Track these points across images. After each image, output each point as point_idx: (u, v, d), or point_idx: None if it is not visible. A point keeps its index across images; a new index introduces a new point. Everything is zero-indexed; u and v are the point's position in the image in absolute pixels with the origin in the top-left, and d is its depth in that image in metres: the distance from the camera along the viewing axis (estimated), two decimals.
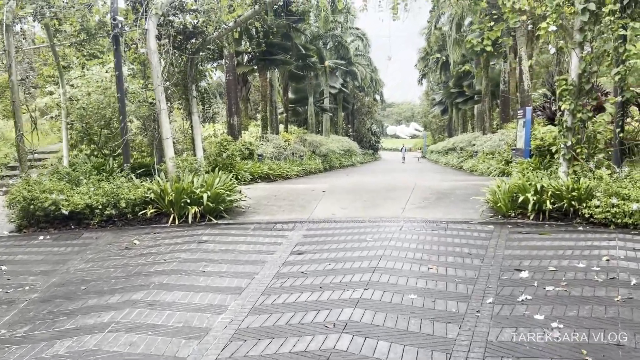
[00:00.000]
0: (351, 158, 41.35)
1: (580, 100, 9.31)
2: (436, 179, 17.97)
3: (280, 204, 11.91)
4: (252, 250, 7.43)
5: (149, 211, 10.03)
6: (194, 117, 16.26)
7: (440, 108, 60.50)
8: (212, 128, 22.58)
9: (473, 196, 11.98)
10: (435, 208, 10.60)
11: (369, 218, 9.75)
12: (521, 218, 9.03)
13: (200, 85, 17.09)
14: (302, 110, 41.15)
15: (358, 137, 56.91)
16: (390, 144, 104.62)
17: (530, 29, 12.91)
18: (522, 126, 17.02)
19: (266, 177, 18.99)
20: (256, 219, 10.13)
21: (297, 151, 27.21)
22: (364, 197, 12.49)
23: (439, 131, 72.36)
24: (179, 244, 8.08)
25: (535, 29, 14.47)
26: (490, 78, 31.03)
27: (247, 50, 23.87)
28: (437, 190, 13.06)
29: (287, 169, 21.48)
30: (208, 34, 15.71)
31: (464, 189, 13.22)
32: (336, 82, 45.65)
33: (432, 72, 53.14)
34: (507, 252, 6.76)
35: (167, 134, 11.25)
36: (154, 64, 11.05)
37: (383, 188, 13.92)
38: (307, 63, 32.68)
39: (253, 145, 19.37)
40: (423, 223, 9.07)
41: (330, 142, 34.52)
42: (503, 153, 19.55)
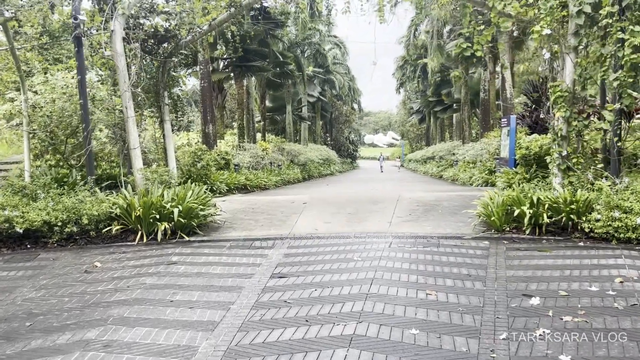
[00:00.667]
0: (330, 167, 40.80)
1: (575, 108, 8.85)
2: (419, 190, 17.45)
3: (258, 217, 11.15)
4: (227, 273, 6.67)
5: (114, 228, 9.16)
6: (166, 125, 15.45)
7: (418, 117, 60.54)
8: (186, 137, 21.69)
9: (461, 208, 11.46)
10: (424, 222, 9.99)
11: (355, 233, 9.08)
12: (516, 233, 8.48)
13: (173, 92, 16.27)
14: (280, 118, 40.48)
15: (336, 146, 56.46)
16: (368, 152, 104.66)
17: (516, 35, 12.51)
18: (507, 135, 16.66)
19: (243, 188, 18.20)
20: (232, 236, 9.35)
21: (275, 160, 26.48)
22: (347, 209, 11.83)
23: (417, 140, 72.51)
24: (146, 265, 7.26)
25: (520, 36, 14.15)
26: (469, 87, 30.89)
27: (222, 56, 23.11)
28: (423, 202, 12.49)
29: (265, 179, 20.73)
30: (181, 38, 14.93)
31: (450, 201, 12.69)
32: (314, 90, 45.15)
33: (410, 81, 53.11)
34: (509, 273, 6.16)
35: (135, 143, 10.41)
36: (120, 67, 10.23)
37: (367, 199, 13.29)
38: (284, 70, 32.07)
39: (229, 155, 18.57)
40: (412, 239, 8.44)
41: (309, 151, 33.88)
42: (486, 162, 19.17)
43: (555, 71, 8.88)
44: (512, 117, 16.19)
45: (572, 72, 8.80)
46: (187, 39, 14.87)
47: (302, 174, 29.87)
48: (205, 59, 19.16)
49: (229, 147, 23.66)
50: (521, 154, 15.01)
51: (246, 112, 25.00)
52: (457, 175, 24.15)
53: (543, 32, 8.55)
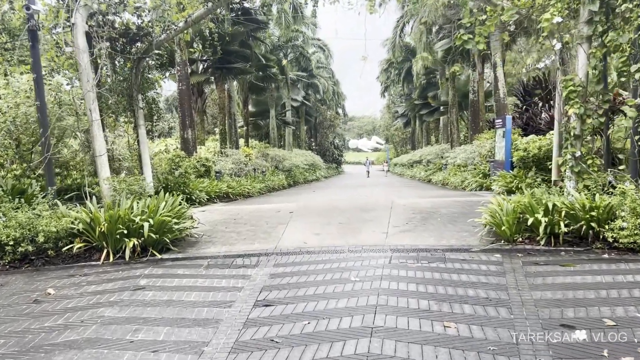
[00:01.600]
0: (315, 172, 39.84)
1: (590, 104, 8.02)
2: (411, 195, 16.57)
3: (240, 230, 10.12)
4: (202, 300, 5.64)
5: (76, 246, 8.05)
6: (141, 131, 14.38)
7: (403, 121, 59.97)
8: (164, 143, 20.53)
9: (460, 215, 10.58)
10: (423, 232, 9.06)
11: (349, 247, 8.11)
12: (529, 243, 7.59)
13: (148, 96, 15.16)
14: (263, 123, 39.44)
15: (321, 151, 55.58)
16: (353, 157, 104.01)
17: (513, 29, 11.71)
18: (502, 136, 15.89)
19: (225, 197, 17.12)
20: (211, 252, 8.30)
21: (259, 167, 25.44)
22: (338, 218, 10.86)
23: (402, 144, 72.02)
24: (108, 292, 6.19)
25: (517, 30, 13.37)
26: (457, 88, 30.25)
27: (202, 58, 22.02)
28: (419, 209, 11.58)
29: (248, 186, 19.67)
30: (155, 37, 13.88)
31: (448, 207, 11.80)
32: (298, 94, 44.22)
33: (395, 84, 52.51)
34: (535, 295, 5.24)
35: (101, 149, 9.32)
36: (82, 65, 9.15)
37: (358, 207, 12.34)
38: (267, 74, 31.09)
39: (210, 162, 17.48)
40: (414, 253, 7.50)
41: (293, 157, 32.88)
42: (479, 165, 18.39)
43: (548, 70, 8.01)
44: (508, 117, 15.42)
45: (586, 65, 7.97)
46: (162, 37, 13.82)
47: (287, 180, 28.86)
48: (183, 61, 18.08)
49: (210, 153, 22.54)
50: (519, 156, 14.24)
51: (228, 116, 23.91)
52: (447, 179, 23.38)
53: (554, 20, 7.71)
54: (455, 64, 8.70)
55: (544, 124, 18.14)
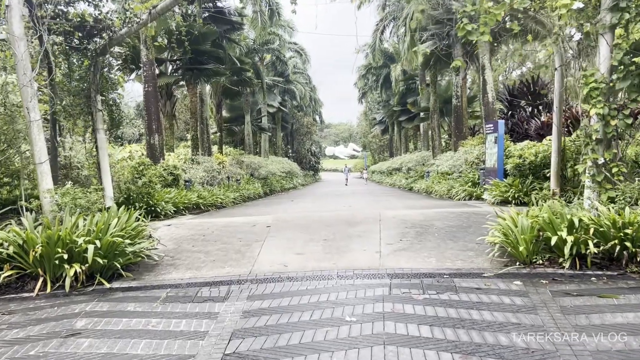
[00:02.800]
0: (292, 180, 38.51)
1: (614, 103, 6.96)
2: (398, 206, 15.40)
3: (209, 248, 8.74)
4: (152, 355, 4.27)
5: (4, 274, 6.56)
6: (99, 136, 12.92)
7: (381, 127, 59.18)
8: (128, 149, 18.93)
9: (459, 229, 9.42)
10: (422, 250, 7.85)
11: (338, 271, 6.83)
12: (550, 266, 6.44)
13: (108, 97, 13.67)
14: (238, 129, 37.95)
15: (298, 158, 54.34)
16: (330, 164, 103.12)
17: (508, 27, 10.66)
18: (493, 142, 14.89)
19: (195, 208, 15.66)
20: (172, 279, 6.92)
21: (233, 174, 23.99)
22: (321, 233, 9.57)
23: (379, 151, 71.27)
24: (31, 339, 4.77)
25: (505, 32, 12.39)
26: (438, 94, 29.41)
27: (172, 58, 20.53)
28: (412, 222, 10.38)
29: (221, 196, 18.23)
30: (115, 30, 12.45)
31: (442, 220, 10.64)
32: (274, 100, 42.91)
33: (373, 90, 51.71)
34: (590, 344, 4.05)
35: (41, 156, 7.85)
36: (19, 55, 7.68)
37: (343, 220, 11.07)
38: (242, 78, 29.68)
39: (178, 169, 16.00)
40: (417, 279, 6.27)
41: (270, 164, 31.50)
42: (468, 173, 17.36)
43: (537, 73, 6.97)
44: (500, 122, 14.42)
45: (609, 58, 6.91)
46: (123, 31, 12.37)
47: (264, 189, 27.46)
48: (149, 60, 16.60)
49: (181, 160, 21.03)
50: (514, 163, 13.22)
51: (200, 121, 22.45)
52: (431, 188, 22.34)
53: (573, 6, 6.63)
54: (457, 59, 7.86)
55: (534, 130, 17.25)
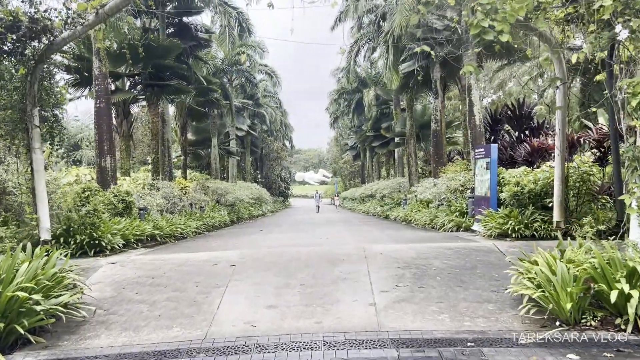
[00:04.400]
0: (262, 207, 36.63)
1: None
2: (382, 238, 13.78)
3: (156, 298, 6.89)
4: None
5: None
6: (35, 156, 11.08)
7: (352, 153, 58.10)
8: (75, 172, 16.83)
9: (465, 271, 7.87)
10: (427, 302, 6.22)
11: (324, 334, 5.15)
12: (603, 327, 4.92)
13: (48, 112, 11.77)
14: (204, 153, 35.98)
15: (267, 183, 52.50)
16: (299, 190, 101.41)
17: None
18: (485, 168, 13.55)
19: (151, 240, 13.68)
20: (98, 346, 5.08)
21: (197, 201, 22.01)
22: (298, 276, 7.85)
23: (351, 177, 70.15)
24: None
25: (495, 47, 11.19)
26: (414, 119, 28.36)
27: (129, 73, 18.64)
28: (404, 261, 8.78)
29: (181, 225, 16.27)
30: (56, 34, 10.69)
31: (438, 257, 9.07)
32: (243, 123, 41.25)
33: (345, 115, 50.72)
34: None
35: None
36: None
37: (323, 257, 9.38)
38: (209, 99, 27.97)
39: (131, 196, 14.01)
40: (433, 350, 4.64)
41: (237, 190, 29.60)
42: (454, 201, 15.97)
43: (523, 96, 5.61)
44: (493, 146, 13.12)
45: None
46: (66, 34, 10.61)
47: (230, 217, 25.50)
48: (102, 73, 14.73)
49: (139, 185, 19.00)
50: (511, 191, 11.86)
51: (161, 143, 20.50)
52: (410, 217, 20.90)
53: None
54: (469, 63, 6.79)
55: (523, 156, 16.09)
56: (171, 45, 18.22)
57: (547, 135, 16.81)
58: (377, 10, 24.89)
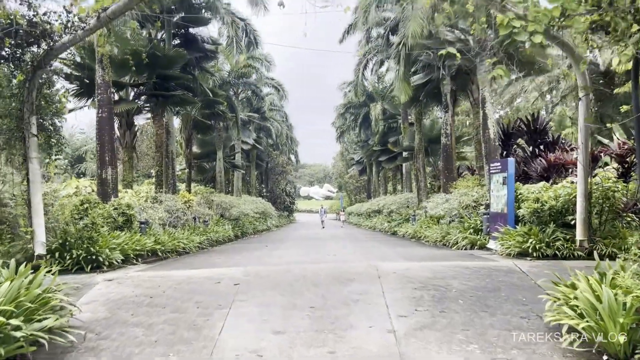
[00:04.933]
0: (266, 222, 36.00)
1: None
2: (390, 255, 13.17)
3: (154, 320, 6.32)
4: None
5: None
6: (32, 166, 10.61)
7: (358, 168, 57.56)
8: (75, 183, 16.35)
9: (487, 293, 7.25)
10: (452, 329, 5.61)
11: None
12: None
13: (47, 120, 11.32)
14: (209, 166, 35.53)
15: (272, 198, 51.93)
16: (304, 205, 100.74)
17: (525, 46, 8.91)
18: (501, 183, 12.97)
19: (152, 255, 13.12)
20: None
21: (200, 215, 21.48)
22: (307, 297, 7.26)
23: (356, 192, 69.47)
24: None
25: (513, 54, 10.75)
26: (423, 133, 27.86)
27: (134, 82, 18.25)
28: (419, 281, 8.17)
29: (184, 240, 15.71)
30: (56, 38, 10.28)
31: (457, 278, 8.45)
32: (249, 136, 40.85)
33: (351, 130, 50.30)
34: None
35: None
36: None
37: (331, 276, 8.78)
38: (215, 111, 27.62)
39: (132, 209, 13.49)
40: None
41: (242, 204, 29.05)
42: (468, 218, 15.34)
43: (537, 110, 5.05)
44: (510, 160, 12.58)
45: None
46: (66, 39, 10.18)
47: (235, 231, 24.91)
48: (105, 81, 14.33)
49: (142, 199, 18.51)
50: (531, 208, 11.24)
51: (165, 155, 20.07)
52: (419, 233, 20.26)
53: None
54: (499, 67, 6.45)
55: (538, 171, 15.49)
56: (176, 55, 17.88)
57: (563, 150, 16.22)
58: (386, 23, 24.54)
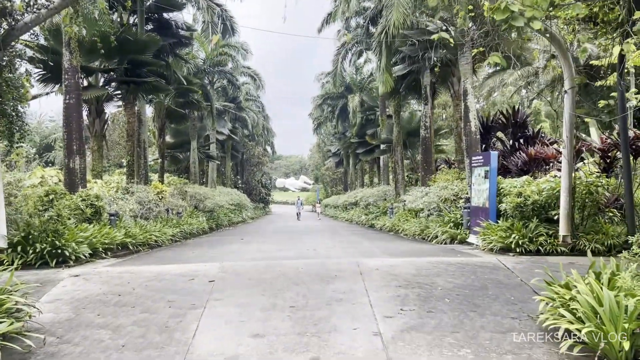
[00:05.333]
0: (242, 213, 35.42)
1: None
2: (371, 250, 12.88)
3: (121, 321, 5.85)
4: None
5: None
6: None
7: (335, 160, 57.28)
8: (41, 173, 15.53)
9: (475, 291, 7.01)
10: (441, 331, 5.32)
11: None
12: None
13: (8, 105, 10.64)
14: (183, 156, 34.69)
15: (248, 189, 51.25)
16: (280, 197, 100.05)
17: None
18: (483, 177, 12.80)
19: (122, 248, 12.54)
20: None
21: (174, 207, 20.84)
22: (287, 296, 6.89)
23: (333, 184, 69.27)
24: None
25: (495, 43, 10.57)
26: (401, 126, 27.66)
27: (104, 68, 17.40)
28: (403, 279, 7.88)
29: (156, 232, 15.13)
30: (18, 17, 9.61)
31: (442, 275, 8.20)
32: (225, 126, 40.04)
33: (329, 121, 49.90)
34: None
35: None
36: None
37: (312, 273, 8.42)
38: (190, 100, 26.82)
39: (101, 200, 12.85)
40: None
41: (217, 195, 28.42)
42: (448, 212, 15.16)
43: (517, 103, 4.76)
44: (493, 153, 12.38)
45: None
46: (28, 18, 9.50)
47: (209, 223, 24.31)
48: (73, 66, 13.57)
49: (112, 189, 17.79)
50: (513, 202, 11.08)
51: (137, 144, 19.32)
52: (397, 226, 20.07)
53: None
54: (494, 54, 6.07)
55: (518, 165, 15.40)
56: (149, 40, 17.12)
57: (542, 144, 16.18)
58: (366, 13, 24.15)
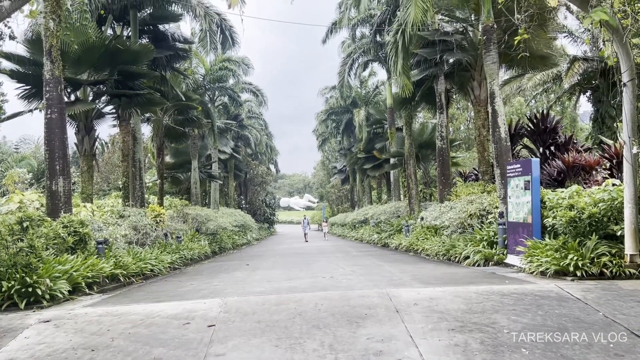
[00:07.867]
0: (246, 235, 33.74)
1: None
2: (400, 277, 11.12)
3: None
4: None
5: None
6: None
7: (340, 177, 55.73)
8: (19, 197, 13.95)
9: (553, 335, 5.32)
10: None
11: None
12: None
13: None
14: (183, 177, 33.18)
15: (252, 209, 49.67)
16: (284, 216, 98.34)
17: None
18: (522, 188, 11.16)
19: (111, 280, 10.91)
20: None
21: (173, 230, 19.23)
22: (307, 350, 5.25)
23: (338, 202, 67.58)
24: None
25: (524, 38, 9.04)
26: (413, 138, 26.17)
27: (93, 80, 15.92)
28: (455, 318, 6.22)
29: (152, 260, 13.54)
30: None
31: (501, 312, 6.53)
32: (227, 145, 38.66)
33: (333, 137, 48.52)
34: None
35: None
36: None
37: (336, 312, 6.77)
38: (189, 117, 25.44)
39: (86, 227, 11.27)
40: None
41: (220, 217, 26.83)
42: (480, 229, 13.48)
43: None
44: (535, 160, 10.78)
45: None
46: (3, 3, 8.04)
47: (212, 247, 22.66)
48: (55, 77, 12.11)
49: (105, 213, 16.23)
50: (567, 216, 9.41)
51: (132, 164, 17.82)
52: (416, 245, 18.39)
53: None
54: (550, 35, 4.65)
55: (554, 175, 13.78)
56: (142, 50, 15.72)
57: (577, 152, 14.58)
58: (372, 20, 22.84)
